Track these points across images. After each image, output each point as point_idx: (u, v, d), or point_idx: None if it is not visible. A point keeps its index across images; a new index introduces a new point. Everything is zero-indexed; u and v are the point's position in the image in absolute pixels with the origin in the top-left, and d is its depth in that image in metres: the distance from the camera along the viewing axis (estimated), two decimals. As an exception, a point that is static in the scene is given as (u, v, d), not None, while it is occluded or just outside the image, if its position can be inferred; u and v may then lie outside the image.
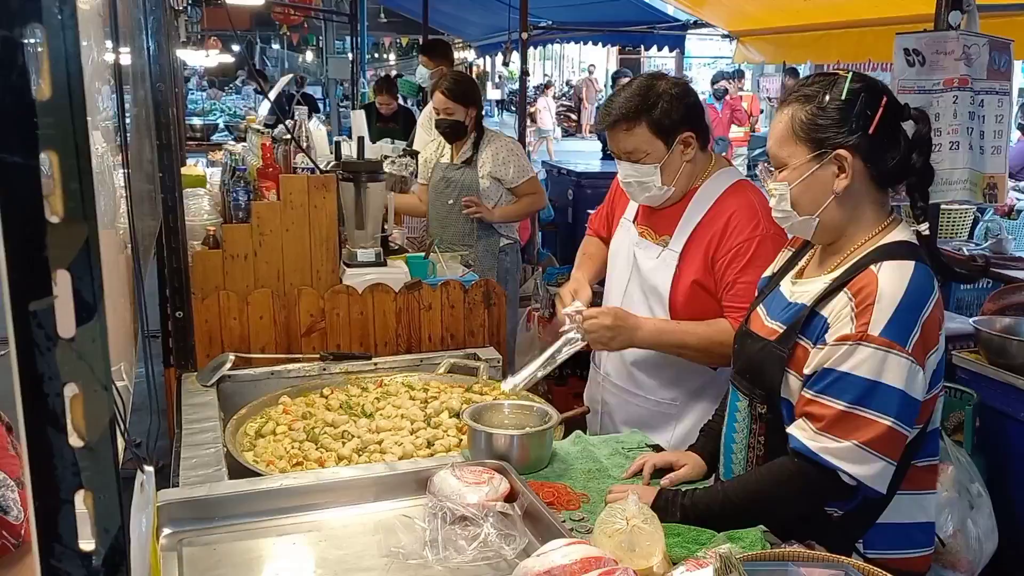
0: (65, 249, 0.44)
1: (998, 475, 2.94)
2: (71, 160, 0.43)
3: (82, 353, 0.45)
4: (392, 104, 7.35)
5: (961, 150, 2.81)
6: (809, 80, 1.59)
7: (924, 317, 1.43)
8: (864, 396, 1.42)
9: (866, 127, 1.49)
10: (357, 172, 2.90)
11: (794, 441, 1.47)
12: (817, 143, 1.51)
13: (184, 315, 2.48)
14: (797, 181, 1.54)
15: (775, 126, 1.59)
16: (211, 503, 1.57)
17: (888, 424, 1.41)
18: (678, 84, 2.11)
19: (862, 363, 1.42)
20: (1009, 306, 3.44)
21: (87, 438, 0.46)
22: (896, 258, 1.48)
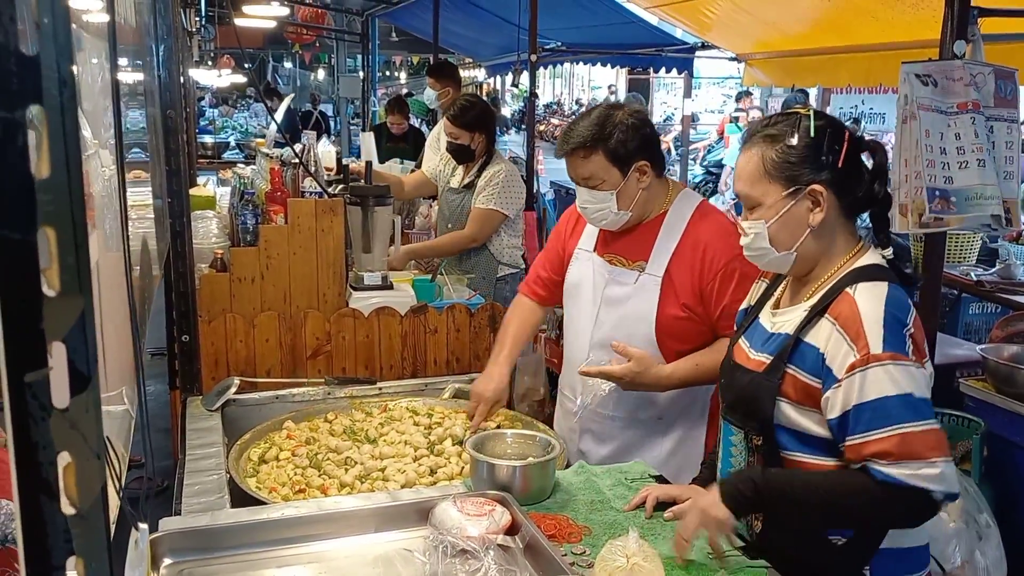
0: (61, 322, 0.45)
1: (1007, 505, 2.92)
2: (68, 235, 0.44)
3: (75, 423, 0.46)
4: (403, 124, 7.40)
5: (988, 167, 2.80)
6: (770, 121, 1.63)
7: (909, 330, 1.48)
8: (906, 412, 1.43)
9: (835, 161, 1.56)
10: (365, 196, 2.92)
11: (877, 473, 1.45)
12: (791, 180, 1.56)
13: (190, 339, 2.50)
14: (774, 219, 1.58)
15: (743, 167, 1.62)
16: (212, 533, 1.58)
17: (935, 426, 1.46)
18: (635, 114, 2.17)
19: (884, 384, 1.44)
20: (1017, 333, 3.42)
21: (79, 506, 0.47)
22: (869, 279, 1.53)
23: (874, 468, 1.45)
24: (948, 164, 2.79)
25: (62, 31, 0.44)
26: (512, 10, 6.50)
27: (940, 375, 3.11)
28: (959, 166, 2.79)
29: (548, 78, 25.11)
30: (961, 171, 2.79)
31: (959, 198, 2.79)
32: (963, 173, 2.78)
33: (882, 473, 1.44)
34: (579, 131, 2.13)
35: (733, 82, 20.02)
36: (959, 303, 4.81)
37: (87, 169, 1.40)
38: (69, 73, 0.44)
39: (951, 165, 2.79)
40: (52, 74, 0.43)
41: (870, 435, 1.45)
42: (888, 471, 1.43)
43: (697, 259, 2.11)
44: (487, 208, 3.62)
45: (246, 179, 3.73)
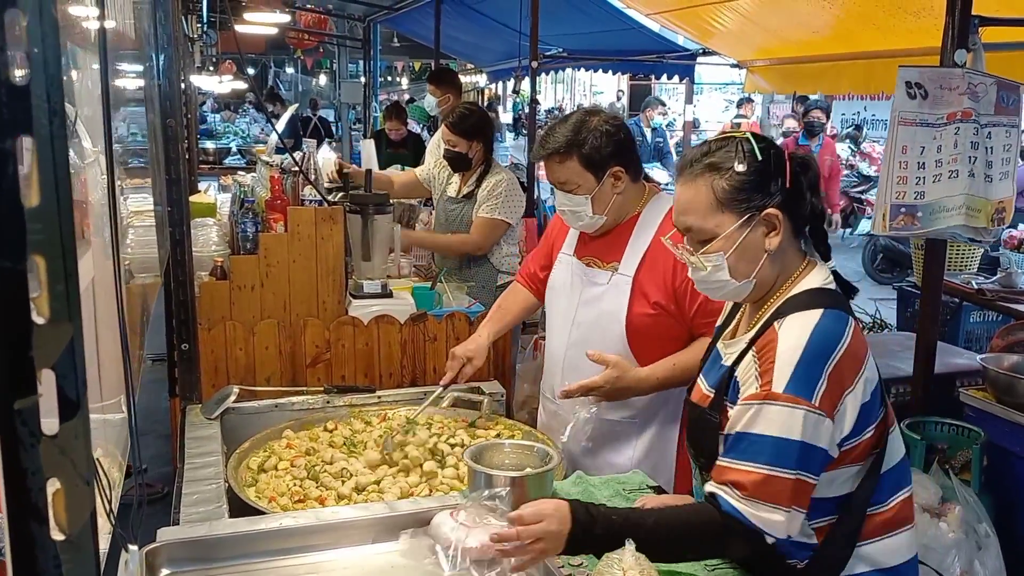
0: (50, 349, 0.45)
1: (1006, 515, 2.91)
2: (58, 264, 0.45)
3: (65, 449, 0.46)
4: (402, 130, 7.41)
5: (960, 178, 2.81)
6: (709, 149, 1.58)
7: (831, 365, 1.43)
8: (779, 456, 1.42)
9: (784, 183, 1.53)
10: (364, 204, 2.93)
11: (725, 504, 1.46)
12: (745, 208, 1.52)
13: (190, 347, 2.50)
14: (732, 249, 1.54)
15: (691, 200, 1.56)
16: (210, 544, 1.58)
17: (804, 479, 1.43)
18: (610, 121, 2.21)
19: (771, 423, 1.43)
20: (1018, 342, 3.42)
21: (68, 531, 0.47)
22: (801, 309, 1.50)
23: (723, 498, 1.46)
24: (924, 179, 2.80)
25: (53, 61, 0.44)
26: (513, 16, 6.51)
27: (940, 384, 3.16)
28: (934, 179, 2.80)
29: (550, 83, 25.13)
30: (934, 184, 2.80)
31: (925, 212, 2.80)
32: (935, 186, 2.80)
33: (728, 504, 1.45)
34: (555, 137, 2.19)
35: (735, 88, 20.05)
36: (960, 311, 4.80)
37: (85, 177, 1.40)
38: (60, 103, 0.44)
39: (926, 179, 2.80)
40: (42, 104, 0.44)
41: (737, 463, 1.46)
42: (735, 504, 1.44)
43: (670, 258, 2.10)
44: (492, 218, 3.65)
45: (246, 187, 3.74)
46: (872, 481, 1.53)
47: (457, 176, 3.84)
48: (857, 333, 1.49)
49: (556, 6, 6.64)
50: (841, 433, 1.46)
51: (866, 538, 1.56)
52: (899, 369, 3.48)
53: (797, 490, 1.43)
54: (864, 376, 1.48)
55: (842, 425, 1.46)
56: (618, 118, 2.27)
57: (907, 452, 2.90)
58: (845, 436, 1.48)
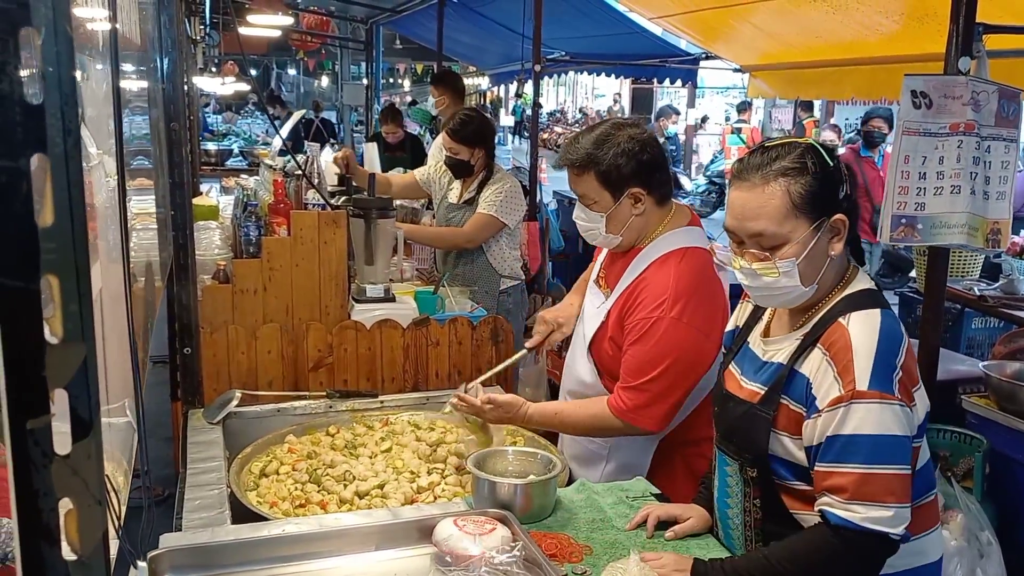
0: (63, 369, 0.45)
1: (1008, 523, 2.90)
2: (71, 283, 0.44)
3: (77, 469, 0.46)
4: (398, 132, 7.38)
5: (962, 194, 2.81)
6: (776, 155, 1.55)
7: (900, 360, 1.48)
8: (876, 453, 1.43)
9: (847, 189, 1.56)
10: (368, 208, 2.93)
11: (832, 517, 1.46)
12: (818, 213, 1.53)
13: (192, 351, 2.49)
14: (803, 254, 1.53)
15: (764, 205, 1.53)
16: (212, 550, 1.57)
17: (903, 472, 1.45)
18: (636, 138, 2.06)
19: (863, 421, 1.43)
20: (1020, 349, 3.41)
21: (80, 552, 0.47)
22: (862, 307, 1.52)
23: (829, 512, 1.46)
24: (925, 190, 2.80)
25: (67, 80, 0.44)
26: (516, 19, 6.52)
27: (942, 391, 3.15)
28: (935, 192, 2.79)
29: (552, 86, 25.13)
30: (935, 197, 2.80)
31: (925, 225, 2.80)
32: (936, 199, 2.79)
33: (836, 517, 1.45)
34: (576, 148, 2.09)
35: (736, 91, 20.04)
36: (962, 318, 4.79)
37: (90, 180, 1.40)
38: (74, 122, 0.44)
39: (927, 191, 2.79)
40: (56, 123, 0.43)
41: (834, 467, 1.46)
42: (840, 514, 1.44)
43: (632, 298, 2.08)
44: (487, 214, 3.62)
45: (249, 190, 3.74)
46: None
47: (458, 182, 3.82)
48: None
49: (559, 9, 6.65)
50: (918, 420, 1.50)
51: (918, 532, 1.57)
52: (901, 376, 3.47)
53: (897, 484, 1.44)
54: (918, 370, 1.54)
55: (918, 415, 1.50)
56: (645, 135, 2.10)
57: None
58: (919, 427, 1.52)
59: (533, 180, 5.92)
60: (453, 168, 3.72)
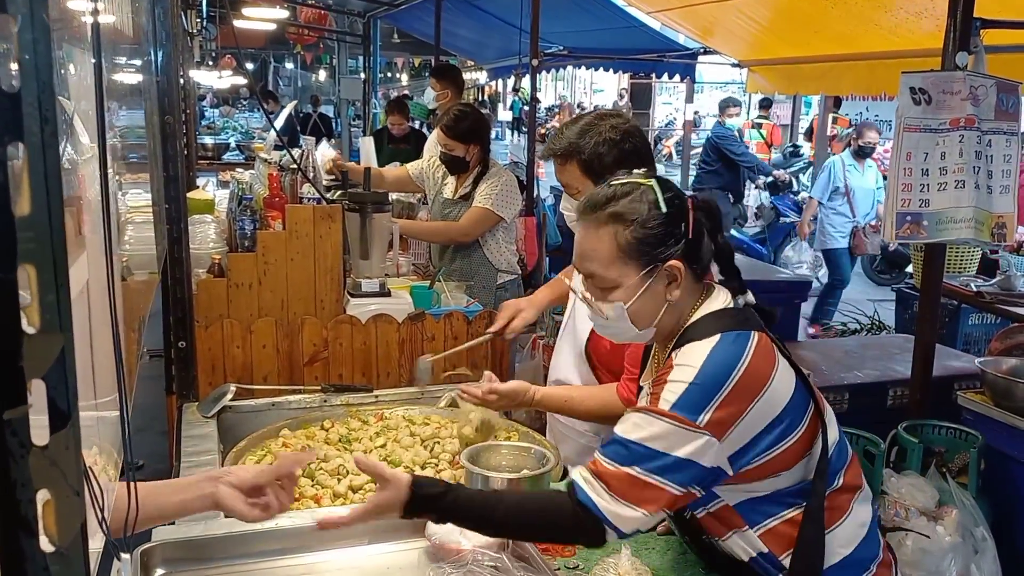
0: (40, 360, 0.44)
1: (1003, 519, 2.91)
2: (48, 274, 0.44)
3: (55, 460, 0.46)
4: (404, 125, 7.35)
5: (967, 189, 2.81)
6: (612, 195, 1.53)
7: (726, 391, 1.40)
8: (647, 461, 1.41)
9: (686, 233, 1.50)
10: (363, 203, 2.92)
11: (582, 495, 1.44)
12: (648, 259, 1.49)
13: (187, 344, 2.49)
14: (633, 299, 1.51)
15: (594, 247, 1.52)
16: (205, 544, 1.57)
17: (675, 492, 1.41)
18: (619, 128, 2.10)
19: (654, 436, 1.41)
20: (1016, 346, 3.42)
21: (58, 543, 0.46)
22: (697, 338, 1.47)
23: (580, 487, 1.44)
24: (927, 186, 2.79)
25: (45, 68, 0.43)
26: (514, 13, 6.50)
27: (938, 387, 3.15)
28: (939, 187, 2.79)
29: (550, 81, 25.11)
30: (939, 193, 2.79)
31: (931, 221, 2.79)
32: (940, 195, 2.79)
33: (587, 497, 1.43)
34: (560, 138, 2.14)
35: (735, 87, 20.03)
36: (958, 314, 4.80)
37: (83, 173, 1.39)
38: (52, 110, 0.44)
39: (930, 187, 2.79)
40: (33, 111, 0.43)
41: (606, 461, 1.43)
42: (594, 499, 1.42)
43: None
44: (482, 207, 3.62)
45: (244, 184, 3.73)
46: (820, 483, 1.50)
47: (453, 177, 3.82)
48: (761, 350, 1.45)
49: (557, 3, 6.63)
50: (732, 450, 1.43)
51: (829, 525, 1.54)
52: (897, 371, 3.48)
53: (661, 496, 1.40)
54: (767, 395, 1.43)
55: (733, 444, 1.43)
56: (627, 126, 2.15)
57: (904, 456, 2.91)
58: (750, 455, 1.45)
59: (530, 175, 5.92)
60: (448, 164, 3.72)
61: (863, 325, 6.13)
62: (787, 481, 1.50)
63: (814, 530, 1.49)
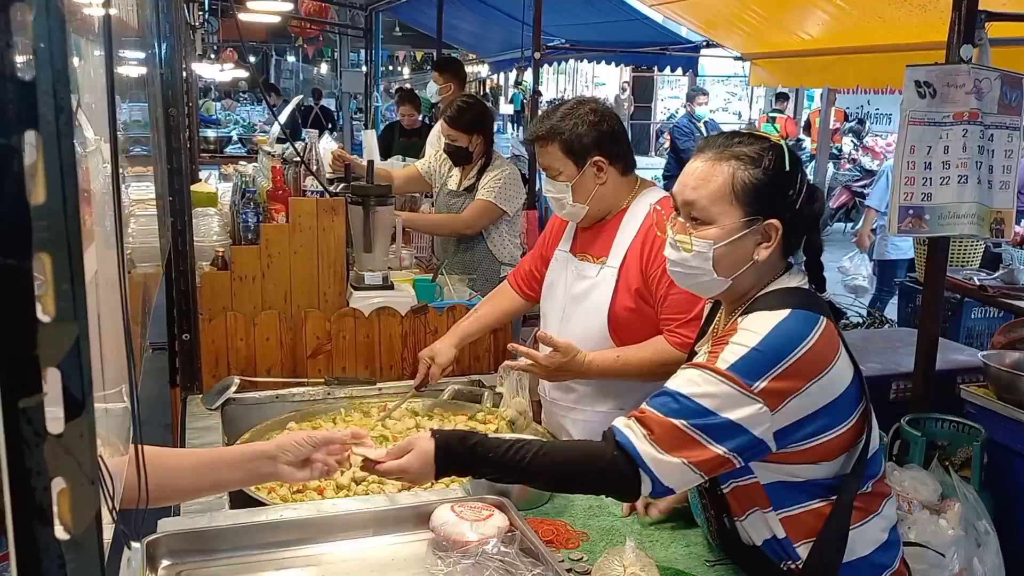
0: (55, 348, 0.44)
1: (1006, 513, 2.91)
2: (64, 262, 0.44)
3: (70, 448, 0.46)
4: (415, 116, 7.26)
5: (969, 184, 2.80)
6: (741, 139, 1.53)
7: (787, 363, 1.39)
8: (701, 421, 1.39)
9: (796, 202, 1.50)
10: (366, 196, 2.92)
11: (621, 437, 1.43)
12: (754, 208, 1.48)
13: (191, 337, 2.49)
14: (724, 242, 1.49)
15: (705, 176, 1.50)
16: (210, 535, 1.57)
17: (718, 452, 1.40)
18: (597, 111, 2.21)
19: (705, 389, 1.40)
20: (1019, 339, 3.41)
21: (73, 532, 0.46)
22: (769, 308, 1.46)
23: (621, 431, 1.43)
24: (930, 180, 2.79)
25: (59, 56, 0.43)
26: (516, 6, 6.49)
27: (941, 380, 3.15)
28: (941, 181, 2.79)
29: (552, 74, 25.03)
30: (941, 187, 2.79)
31: (932, 215, 2.79)
32: (942, 189, 2.79)
33: (627, 440, 1.41)
34: (543, 122, 2.23)
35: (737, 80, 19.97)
36: (961, 307, 4.80)
37: (88, 166, 1.39)
38: (66, 99, 0.44)
39: (933, 181, 2.79)
40: (48, 100, 0.43)
41: (655, 410, 1.43)
42: (634, 443, 1.41)
43: (648, 246, 2.15)
44: (486, 200, 3.63)
45: (247, 177, 3.73)
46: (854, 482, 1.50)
47: (457, 169, 3.82)
48: (827, 336, 1.44)
49: (560, -4, 6.62)
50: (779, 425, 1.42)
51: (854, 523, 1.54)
52: (900, 365, 3.48)
53: (703, 454, 1.39)
54: (824, 380, 1.43)
55: (781, 420, 1.41)
56: (605, 109, 2.27)
57: (907, 449, 2.91)
58: (795, 436, 1.44)
59: (532, 168, 5.92)
60: (452, 155, 3.72)
61: (865, 319, 6.13)
62: (824, 472, 1.50)
63: (839, 525, 1.50)
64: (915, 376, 3.12)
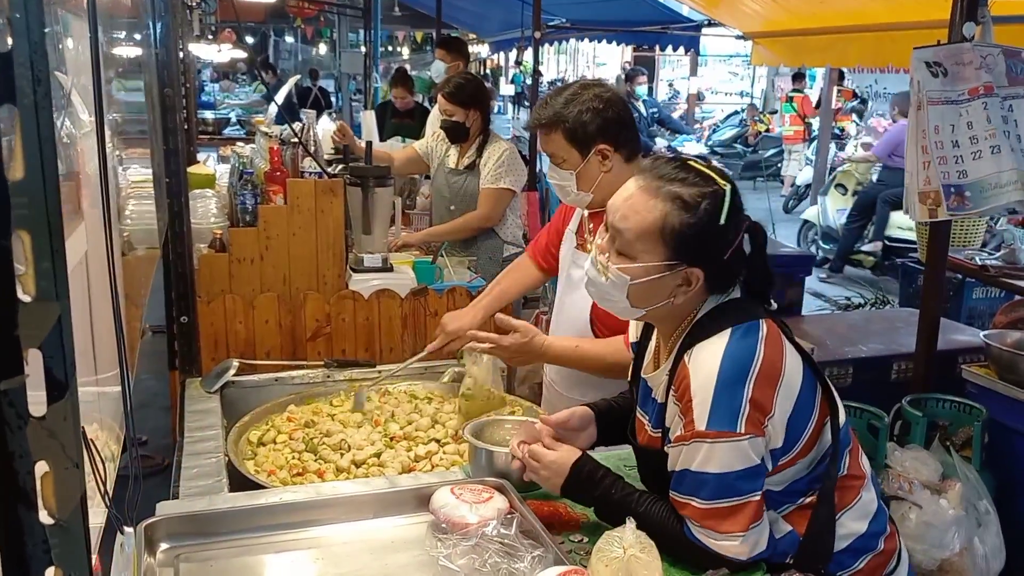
0: (37, 328, 0.43)
1: (1007, 492, 2.92)
2: (44, 240, 0.43)
3: (53, 431, 0.45)
4: (408, 99, 7.25)
5: (1004, 153, 2.76)
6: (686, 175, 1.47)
7: (749, 387, 1.40)
8: (721, 489, 1.42)
9: (724, 254, 1.47)
10: (365, 177, 2.90)
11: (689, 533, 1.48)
12: (677, 254, 1.45)
13: (189, 320, 2.48)
14: (641, 280, 1.48)
15: (638, 212, 1.46)
16: (209, 518, 1.57)
17: (751, 500, 1.43)
18: (602, 97, 2.12)
19: (702, 459, 1.42)
20: (1020, 319, 3.41)
21: (58, 515, 0.46)
22: (707, 335, 1.45)
23: (688, 527, 1.48)
24: (961, 157, 2.75)
25: (36, 27, 0.42)
26: (516, -14, 6.43)
27: (942, 361, 3.15)
28: (973, 156, 2.75)
29: (553, 54, 24.88)
30: (975, 161, 2.75)
31: (974, 191, 2.76)
32: (977, 164, 2.75)
33: (692, 534, 1.47)
34: (545, 108, 2.16)
35: (739, 60, 19.86)
36: (963, 288, 4.79)
37: (81, 148, 1.37)
38: (44, 71, 0.42)
39: (964, 158, 2.75)
40: (25, 72, 0.41)
41: (684, 498, 1.47)
42: (696, 533, 1.46)
43: None
44: (498, 187, 3.62)
45: (245, 158, 3.70)
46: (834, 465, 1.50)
47: (455, 148, 3.80)
48: (770, 340, 1.44)
49: (560, -25, 6.56)
50: (773, 445, 1.44)
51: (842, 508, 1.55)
52: (901, 345, 3.48)
53: (746, 513, 1.42)
54: (784, 383, 1.43)
55: (773, 440, 1.44)
56: (611, 94, 2.17)
57: (908, 429, 2.91)
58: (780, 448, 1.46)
59: (533, 149, 5.88)
60: (449, 131, 3.70)
61: (867, 299, 6.12)
62: (798, 473, 1.51)
63: (827, 511, 1.50)
64: (916, 356, 3.12)
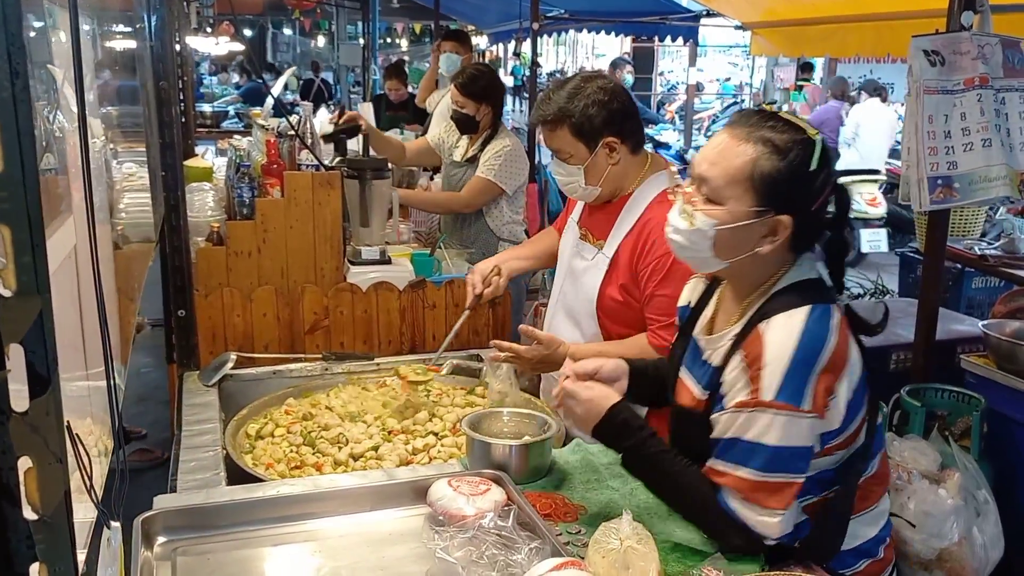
0: (18, 323, 0.43)
1: (1005, 482, 2.91)
2: (24, 234, 0.42)
3: (36, 426, 0.44)
4: (402, 91, 7.27)
5: (994, 147, 2.76)
6: (775, 123, 1.46)
7: (819, 367, 1.40)
8: (773, 463, 1.42)
9: (812, 203, 1.46)
10: (362, 169, 2.89)
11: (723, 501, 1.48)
12: (767, 200, 1.43)
13: (187, 313, 2.48)
14: (728, 226, 1.45)
15: (727, 156, 1.45)
16: (207, 511, 1.57)
17: (796, 481, 1.43)
18: (606, 88, 2.10)
19: (762, 430, 1.41)
20: (1020, 309, 3.40)
21: (41, 511, 0.45)
22: (786, 307, 1.44)
23: (724, 495, 1.47)
24: (952, 148, 2.75)
25: (13, 18, 0.41)
26: (514, -23, 6.40)
27: (941, 351, 3.14)
28: (964, 148, 2.75)
29: (552, 46, 24.81)
30: (966, 153, 2.75)
31: (963, 183, 2.76)
32: (968, 156, 2.74)
33: (726, 503, 1.46)
34: (548, 104, 2.12)
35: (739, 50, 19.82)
36: (962, 277, 4.78)
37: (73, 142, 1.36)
38: (22, 63, 0.42)
39: (955, 149, 2.75)
40: (3, 64, 0.41)
41: (728, 467, 1.46)
42: (733, 504, 1.46)
43: (641, 242, 2.10)
44: (484, 179, 3.57)
45: (242, 151, 3.69)
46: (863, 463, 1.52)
47: (464, 140, 3.77)
48: (841, 328, 1.44)
49: (558, -34, 6.53)
50: (827, 428, 1.45)
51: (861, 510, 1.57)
52: (900, 335, 3.47)
53: (791, 492, 1.43)
54: (848, 372, 1.44)
55: (830, 423, 1.44)
56: (614, 86, 2.16)
57: (907, 419, 2.92)
58: (832, 432, 1.46)
59: (532, 141, 5.87)
60: (459, 123, 3.67)
61: (866, 289, 6.11)
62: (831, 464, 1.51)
63: (844, 507, 1.51)
64: (915, 346, 3.12)
